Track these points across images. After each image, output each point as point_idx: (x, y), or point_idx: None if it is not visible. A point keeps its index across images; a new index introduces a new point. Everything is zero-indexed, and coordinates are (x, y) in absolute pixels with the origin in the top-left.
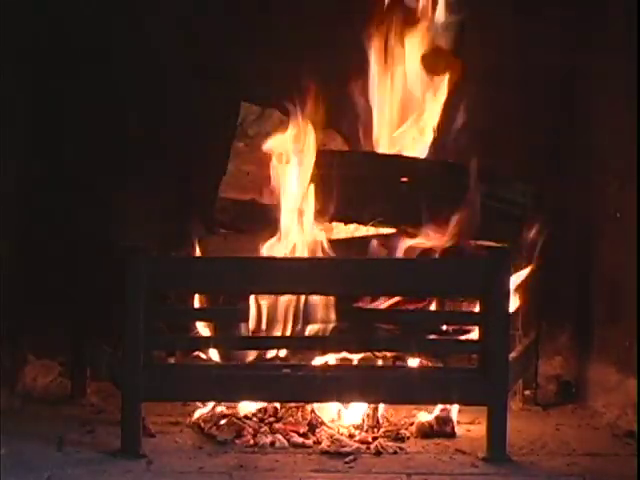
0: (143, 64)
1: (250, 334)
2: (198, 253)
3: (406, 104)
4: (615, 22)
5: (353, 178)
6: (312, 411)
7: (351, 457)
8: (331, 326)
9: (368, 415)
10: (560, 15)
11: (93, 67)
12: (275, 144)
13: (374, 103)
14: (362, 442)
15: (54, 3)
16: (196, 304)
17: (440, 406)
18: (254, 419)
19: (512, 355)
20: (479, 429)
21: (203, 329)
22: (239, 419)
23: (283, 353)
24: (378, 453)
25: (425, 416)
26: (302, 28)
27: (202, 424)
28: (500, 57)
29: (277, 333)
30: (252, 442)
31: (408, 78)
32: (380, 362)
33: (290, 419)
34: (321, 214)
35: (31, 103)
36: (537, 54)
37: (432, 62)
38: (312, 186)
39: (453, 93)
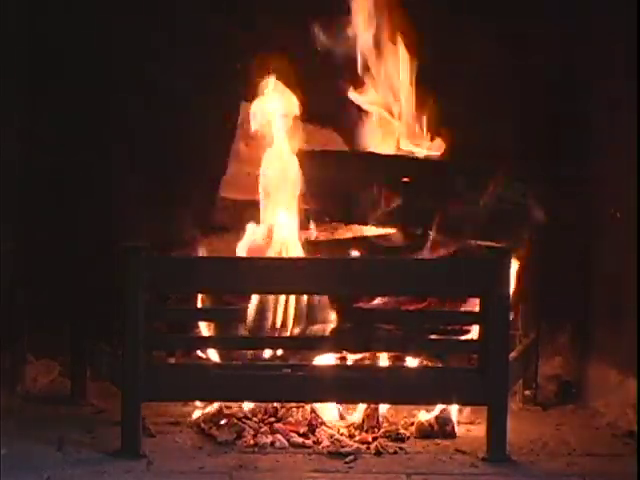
0: (143, 63)
1: (249, 334)
2: (198, 253)
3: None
4: (615, 21)
5: (352, 178)
6: (312, 411)
7: (351, 457)
8: (331, 326)
9: (368, 415)
10: (560, 14)
11: (92, 65)
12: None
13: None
14: (362, 442)
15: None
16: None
17: (440, 406)
18: (254, 419)
19: (512, 355)
20: (479, 429)
21: (203, 329)
22: (239, 419)
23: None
24: (378, 453)
25: (425, 416)
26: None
27: (202, 424)
28: (499, 57)
29: (277, 333)
30: (252, 442)
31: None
32: (380, 362)
33: (290, 419)
34: (321, 214)
35: (30, 102)
36: (537, 53)
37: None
38: (311, 187)
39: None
